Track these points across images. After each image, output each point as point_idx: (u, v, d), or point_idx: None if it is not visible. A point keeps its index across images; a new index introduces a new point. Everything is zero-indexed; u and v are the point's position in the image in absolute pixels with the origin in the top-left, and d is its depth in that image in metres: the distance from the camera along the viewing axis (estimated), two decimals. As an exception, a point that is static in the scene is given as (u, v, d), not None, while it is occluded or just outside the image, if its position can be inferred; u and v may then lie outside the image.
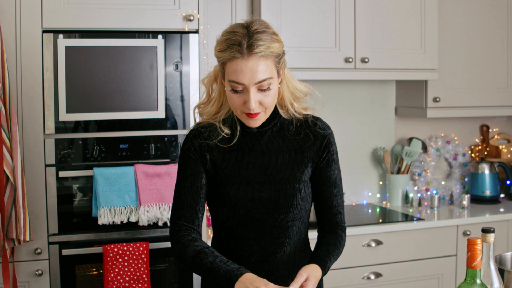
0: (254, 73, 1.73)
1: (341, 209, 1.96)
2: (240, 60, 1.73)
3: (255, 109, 1.77)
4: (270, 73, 1.76)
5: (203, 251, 1.79)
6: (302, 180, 1.88)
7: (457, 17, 3.57)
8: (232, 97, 1.78)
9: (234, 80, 1.74)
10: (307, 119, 1.92)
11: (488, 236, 1.57)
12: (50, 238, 2.67)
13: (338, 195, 1.95)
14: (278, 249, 1.89)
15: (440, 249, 3.29)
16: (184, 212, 1.87)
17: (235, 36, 1.75)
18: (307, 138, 1.91)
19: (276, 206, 1.86)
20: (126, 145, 2.74)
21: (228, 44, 1.75)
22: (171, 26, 2.76)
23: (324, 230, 1.96)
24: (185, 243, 1.83)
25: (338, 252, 1.90)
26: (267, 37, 1.76)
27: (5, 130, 2.46)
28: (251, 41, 1.73)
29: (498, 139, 4.06)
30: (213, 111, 1.90)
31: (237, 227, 1.88)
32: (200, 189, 1.88)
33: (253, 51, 1.72)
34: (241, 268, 1.73)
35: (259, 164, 1.87)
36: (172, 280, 2.85)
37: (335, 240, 1.91)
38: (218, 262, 1.75)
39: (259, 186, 1.86)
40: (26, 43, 2.59)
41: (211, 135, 1.88)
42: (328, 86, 3.61)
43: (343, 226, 1.96)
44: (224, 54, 1.75)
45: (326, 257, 1.84)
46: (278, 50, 1.78)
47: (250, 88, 1.74)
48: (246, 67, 1.73)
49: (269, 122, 1.89)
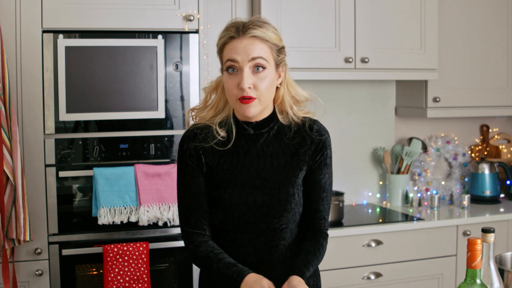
0: (247, 50, 1.77)
1: (326, 215, 1.94)
2: (236, 39, 1.79)
3: (249, 91, 1.78)
4: (265, 55, 1.80)
5: (208, 256, 1.82)
6: (296, 184, 1.88)
7: (457, 17, 3.57)
8: (228, 82, 1.80)
9: (229, 58, 1.79)
10: (305, 123, 1.91)
11: (488, 236, 1.58)
12: (50, 238, 2.67)
13: (326, 200, 1.93)
14: (273, 251, 1.89)
15: (440, 249, 3.29)
16: (188, 218, 1.89)
17: (235, 24, 1.82)
18: (303, 142, 1.90)
19: (269, 210, 1.86)
20: (126, 145, 2.74)
21: (226, 29, 1.82)
22: (171, 26, 2.76)
23: (305, 235, 1.93)
24: (193, 250, 1.87)
25: (318, 261, 1.89)
26: (266, 25, 1.83)
27: (5, 130, 2.46)
28: (248, 24, 1.80)
29: (498, 139, 4.06)
30: (208, 116, 1.92)
31: (232, 230, 1.88)
32: (200, 194, 1.89)
33: (248, 31, 1.79)
34: (242, 272, 1.75)
35: (254, 168, 1.87)
36: (172, 280, 2.85)
37: (315, 249, 1.88)
38: (221, 268, 1.79)
39: (253, 190, 1.86)
40: (26, 43, 2.59)
41: (206, 137, 1.88)
42: (328, 86, 3.61)
43: (325, 233, 1.94)
44: (222, 39, 1.82)
45: (304, 267, 1.82)
46: (275, 39, 1.82)
47: (244, 66, 1.77)
48: (240, 45, 1.78)
49: (266, 125, 1.88)
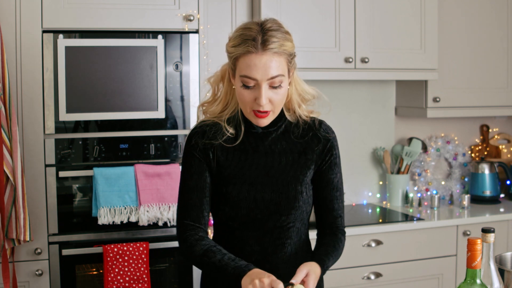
0: (267, 69, 1.73)
1: (341, 213, 1.96)
2: (254, 55, 1.73)
3: (265, 106, 1.76)
4: (282, 70, 1.76)
5: (211, 249, 1.80)
6: (304, 182, 1.89)
7: (457, 17, 3.57)
8: (243, 94, 1.77)
9: (247, 75, 1.74)
10: (313, 122, 1.93)
11: (488, 236, 1.57)
12: (50, 238, 2.67)
13: (339, 198, 1.95)
14: (279, 249, 1.89)
15: (440, 249, 3.29)
16: (190, 212, 1.87)
17: (250, 31, 1.75)
18: (311, 141, 1.91)
19: (277, 208, 1.86)
20: (126, 145, 2.74)
21: (242, 39, 1.74)
22: (171, 26, 2.76)
23: (324, 232, 1.96)
24: (192, 243, 1.83)
25: (337, 254, 1.90)
26: (281, 35, 1.76)
27: (5, 130, 2.46)
28: (265, 37, 1.73)
29: (498, 139, 4.06)
30: (217, 110, 1.90)
31: (239, 227, 1.88)
32: (205, 188, 1.88)
33: (268, 46, 1.73)
34: (250, 265, 1.74)
35: (262, 165, 1.87)
36: (172, 280, 2.85)
37: (334, 242, 1.91)
38: (226, 260, 1.76)
39: (261, 187, 1.86)
40: (26, 43, 2.59)
41: (216, 134, 1.88)
42: (328, 86, 3.61)
43: (342, 229, 1.96)
44: (238, 49, 1.75)
45: (325, 256, 1.84)
46: (290, 49, 1.79)
47: (262, 84, 1.74)
48: (260, 62, 1.72)
49: (274, 124, 1.89)
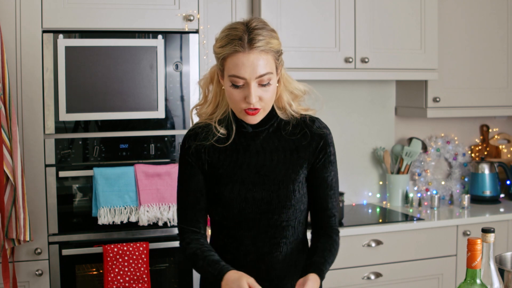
0: (255, 67, 1.73)
1: (335, 212, 1.94)
2: (242, 54, 1.73)
3: (256, 104, 1.77)
4: (270, 68, 1.77)
5: (195, 253, 1.84)
6: (297, 181, 1.87)
7: (457, 17, 3.57)
8: (232, 93, 1.78)
9: (235, 74, 1.74)
10: (305, 118, 1.91)
11: (488, 236, 1.57)
12: (50, 238, 2.67)
13: (334, 197, 1.93)
14: (274, 249, 1.88)
15: (440, 249, 3.29)
16: (185, 215, 1.91)
17: (236, 31, 1.76)
18: (303, 137, 1.89)
19: (269, 207, 1.86)
20: (126, 145, 2.74)
21: (229, 39, 1.75)
22: (171, 26, 2.76)
23: (318, 233, 1.93)
24: (184, 246, 1.89)
25: (333, 258, 1.89)
26: (267, 33, 1.77)
27: (5, 130, 2.46)
28: (251, 35, 1.74)
29: (498, 139, 4.06)
30: (209, 111, 1.91)
31: (233, 227, 1.88)
32: (198, 191, 1.89)
33: (254, 45, 1.73)
34: (223, 269, 1.74)
35: (253, 164, 1.87)
36: (172, 280, 2.85)
37: (330, 246, 1.89)
38: (205, 266, 1.79)
39: (252, 186, 1.86)
40: (26, 43, 2.59)
41: (207, 135, 1.89)
42: (328, 86, 3.61)
43: (336, 229, 1.94)
44: (225, 49, 1.75)
45: (322, 265, 1.82)
46: (277, 46, 1.79)
47: (251, 82, 1.74)
48: (247, 61, 1.73)
49: (265, 123, 1.88)
